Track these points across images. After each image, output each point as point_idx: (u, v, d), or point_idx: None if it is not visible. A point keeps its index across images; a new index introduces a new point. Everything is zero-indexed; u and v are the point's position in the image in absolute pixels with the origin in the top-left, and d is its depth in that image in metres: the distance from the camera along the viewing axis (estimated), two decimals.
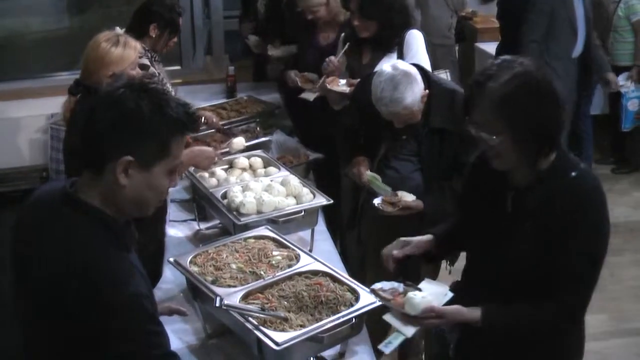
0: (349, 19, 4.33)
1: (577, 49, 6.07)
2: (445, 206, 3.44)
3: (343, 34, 4.47)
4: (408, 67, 3.55)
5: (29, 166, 6.30)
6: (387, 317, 2.55)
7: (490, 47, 7.05)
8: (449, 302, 2.53)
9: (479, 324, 2.43)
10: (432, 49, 7.47)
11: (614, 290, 5.31)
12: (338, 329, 2.58)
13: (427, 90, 3.51)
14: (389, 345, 2.50)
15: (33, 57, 7.41)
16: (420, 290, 2.58)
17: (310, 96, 4.57)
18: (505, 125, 2.30)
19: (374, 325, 2.89)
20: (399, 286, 2.62)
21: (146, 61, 4.34)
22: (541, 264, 2.36)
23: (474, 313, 2.44)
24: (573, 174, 2.38)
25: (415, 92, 3.44)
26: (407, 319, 2.49)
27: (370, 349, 2.88)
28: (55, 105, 4.29)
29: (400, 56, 4.10)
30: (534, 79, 2.30)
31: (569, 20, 5.90)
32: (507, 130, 2.30)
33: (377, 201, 3.53)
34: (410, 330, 2.48)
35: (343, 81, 4.27)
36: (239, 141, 4.04)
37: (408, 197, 3.52)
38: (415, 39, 4.16)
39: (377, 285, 2.67)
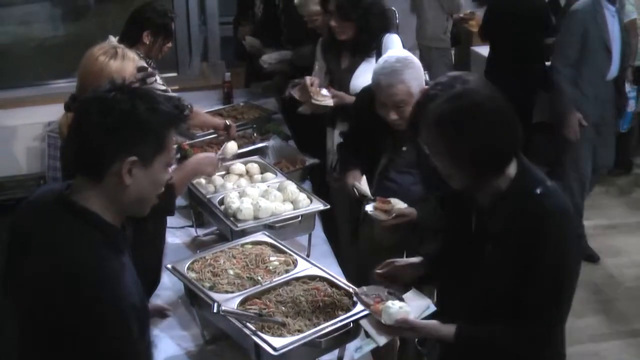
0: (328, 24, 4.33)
1: (612, 72, 5.63)
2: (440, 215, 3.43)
3: (320, 39, 4.50)
4: (415, 57, 3.57)
5: (26, 174, 6.30)
6: (363, 323, 2.55)
7: (486, 51, 7.06)
8: (431, 316, 2.50)
9: (452, 341, 2.38)
10: (427, 52, 7.55)
11: (611, 291, 5.32)
12: (336, 334, 2.59)
13: (427, 87, 3.43)
14: (359, 351, 2.49)
15: (30, 65, 7.41)
16: (402, 300, 2.55)
17: (307, 110, 4.55)
18: (443, 146, 2.25)
19: None
20: (382, 293, 2.60)
21: (143, 63, 4.35)
22: (503, 289, 2.29)
23: (448, 330, 2.39)
24: (538, 190, 2.26)
25: (416, 75, 3.44)
26: (382, 327, 2.47)
27: (369, 354, 2.89)
28: (52, 113, 4.30)
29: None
30: (472, 99, 2.21)
31: (602, 40, 5.49)
32: (445, 151, 2.25)
33: (369, 208, 3.45)
34: (382, 340, 2.46)
35: (324, 91, 4.28)
36: (232, 146, 4.03)
37: (401, 205, 3.44)
38: (393, 43, 4.18)
39: (361, 289, 2.66)
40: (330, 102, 4.22)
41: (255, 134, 4.76)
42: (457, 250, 2.47)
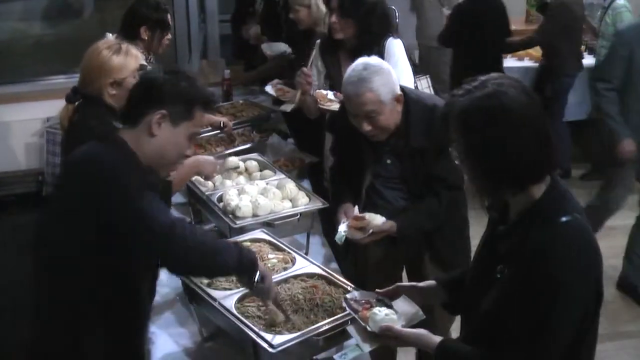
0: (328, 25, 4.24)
1: None
2: (422, 223, 3.40)
3: (319, 40, 4.39)
4: (385, 63, 3.41)
5: (25, 170, 6.30)
6: (349, 329, 2.49)
7: None
8: (418, 325, 2.43)
9: (432, 353, 2.29)
10: (427, 51, 7.56)
11: (609, 293, 5.31)
12: (333, 332, 2.59)
13: (401, 94, 3.31)
14: (344, 357, 2.44)
15: (29, 61, 7.41)
16: (390, 307, 2.51)
17: (288, 107, 4.54)
18: (463, 144, 2.12)
19: None
20: (372, 299, 2.56)
21: (143, 61, 4.34)
22: (498, 314, 2.11)
23: (431, 342, 2.28)
24: (563, 219, 2.05)
25: (385, 81, 3.25)
26: (367, 334, 2.42)
27: (367, 354, 2.89)
28: (51, 109, 4.31)
29: None
30: (501, 102, 2.04)
31: None
32: (462, 148, 2.13)
33: (343, 228, 3.27)
34: (367, 347, 2.42)
35: (330, 94, 4.13)
36: (233, 160, 4.01)
37: (377, 220, 3.27)
38: (396, 48, 4.07)
39: (352, 294, 2.64)
40: (336, 107, 3.98)
41: (254, 132, 4.75)
42: (475, 272, 2.38)
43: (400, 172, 3.43)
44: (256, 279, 2.55)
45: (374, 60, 3.36)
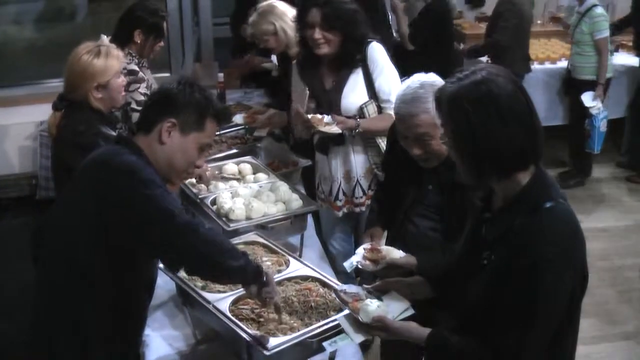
0: (301, 41, 4.06)
1: None
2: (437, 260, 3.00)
3: (294, 62, 4.22)
4: (441, 80, 3.05)
5: (18, 174, 6.28)
6: (340, 320, 2.53)
7: None
8: (408, 319, 2.46)
9: (423, 345, 2.31)
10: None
11: (603, 294, 5.33)
12: (327, 334, 2.57)
13: None
14: (333, 345, 2.48)
15: (22, 64, 7.40)
16: (380, 300, 2.55)
17: (262, 132, 4.64)
18: (451, 128, 2.17)
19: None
20: (362, 293, 2.60)
21: (134, 67, 4.34)
22: (486, 299, 2.16)
23: (422, 334, 2.31)
24: (547, 204, 2.11)
25: None
26: (358, 325, 2.46)
27: (361, 354, 2.89)
28: (44, 112, 4.29)
29: (366, 73, 3.93)
30: (489, 89, 2.10)
31: None
32: (451, 134, 2.18)
33: (357, 259, 3.02)
34: (358, 337, 2.46)
35: (328, 118, 3.87)
36: (231, 168, 4.00)
37: (395, 254, 3.01)
38: (378, 53, 3.93)
39: (341, 287, 2.67)
40: (336, 129, 3.82)
41: (247, 135, 4.75)
42: (461, 261, 2.41)
43: (439, 202, 3.17)
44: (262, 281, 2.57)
45: (430, 77, 3.09)
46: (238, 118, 4.87)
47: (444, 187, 3.11)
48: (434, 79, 3.06)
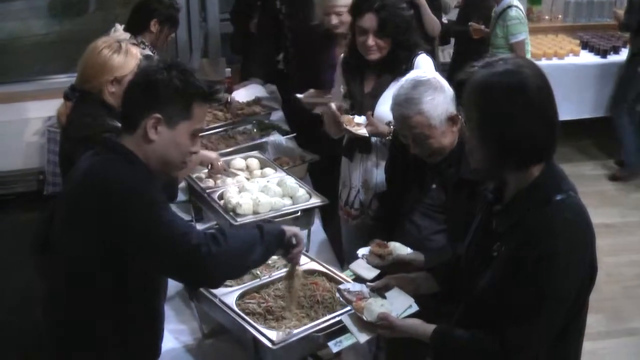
0: (351, 40, 3.87)
1: None
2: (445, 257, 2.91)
3: (341, 57, 4.04)
4: (439, 77, 3.13)
5: (26, 169, 6.31)
6: (345, 319, 2.52)
7: None
8: (412, 316, 2.46)
9: (428, 341, 2.32)
10: None
11: (610, 290, 5.32)
12: (334, 328, 2.58)
13: (457, 113, 3.03)
14: (339, 345, 2.48)
15: (30, 60, 7.43)
16: (384, 298, 2.54)
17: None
18: (475, 114, 2.17)
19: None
20: (366, 291, 2.59)
21: (149, 52, 4.45)
22: (496, 291, 2.16)
23: (427, 330, 2.32)
24: (558, 197, 2.13)
25: (436, 101, 2.99)
26: (363, 324, 2.45)
27: (366, 350, 2.90)
28: (52, 108, 4.32)
29: None
30: (519, 80, 2.11)
31: None
32: (475, 120, 2.17)
33: (362, 252, 3.00)
34: (363, 337, 2.45)
35: (361, 118, 3.73)
36: (239, 163, 4.01)
37: (402, 250, 2.98)
38: (424, 65, 3.72)
39: (344, 286, 2.67)
40: (364, 131, 3.68)
41: (255, 130, 4.76)
42: (469, 253, 2.42)
43: (443, 201, 3.16)
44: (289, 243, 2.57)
45: (425, 74, 3.09)
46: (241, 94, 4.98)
47: (448, 185, 3.10)
48: (429, 77, 3.07)
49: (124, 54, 3.43)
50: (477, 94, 2.15)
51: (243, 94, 5.52)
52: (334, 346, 2.49)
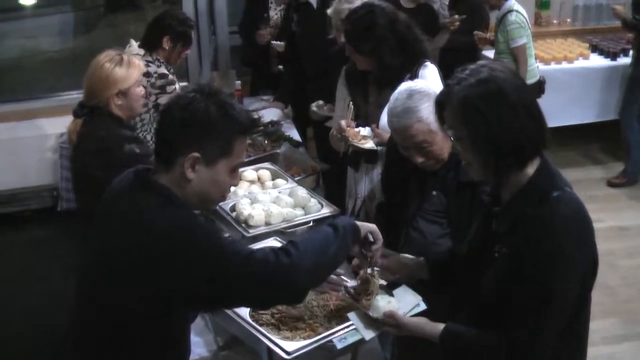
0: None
1: None
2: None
3: (344, 67, 4.04)
4: (431, 85, 3.16)
5: (39, 185, 6.33)
6: (351, 316, 2.52)
7: None
8: (419, 314, 2.46)
9: (437, 341, 2.32)
10: None
11: (625, 293, 5.30)
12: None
13: None
14: (343, 341, 2.49)
15: (42, 77, 7.48)
16: (391, 295, 2.53)
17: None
18: (464, 130, 2.19)
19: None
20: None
21: (164, 70, 4.47)
22: (500, 291, 2.20)
23: (434, 329, 2.33)
24: (555, 194, 2.16)
25: (432, 107, 2.82)
26: (369, 321, 2.46)
27: (382, 358, 2.89)
28: (65, 124, 4.34)
29: None
30: (498, 86, 2.14)
31: None
32: (466, 136, 2.19)
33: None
34: (369, 334, 2.45)
35: (366, 130, 3.74)
36: (250, 174, 4.02)
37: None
38: (430, 75, 3.69)
39: (351, 283, 2.67)
40: (370, 144, 3.66)
41: (266, 141, 4.78)
42: (473, 253, 2.44)
43: (445, 206, 3.16)
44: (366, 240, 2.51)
45: (418, 84, 3.11)
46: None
47: (449, 189, 3.12)
48: (422, 85, 3.09)
49: (126, 66, 3.47)
50: (460, 112, 2.19)
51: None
52: (339, 342, 2.50)
